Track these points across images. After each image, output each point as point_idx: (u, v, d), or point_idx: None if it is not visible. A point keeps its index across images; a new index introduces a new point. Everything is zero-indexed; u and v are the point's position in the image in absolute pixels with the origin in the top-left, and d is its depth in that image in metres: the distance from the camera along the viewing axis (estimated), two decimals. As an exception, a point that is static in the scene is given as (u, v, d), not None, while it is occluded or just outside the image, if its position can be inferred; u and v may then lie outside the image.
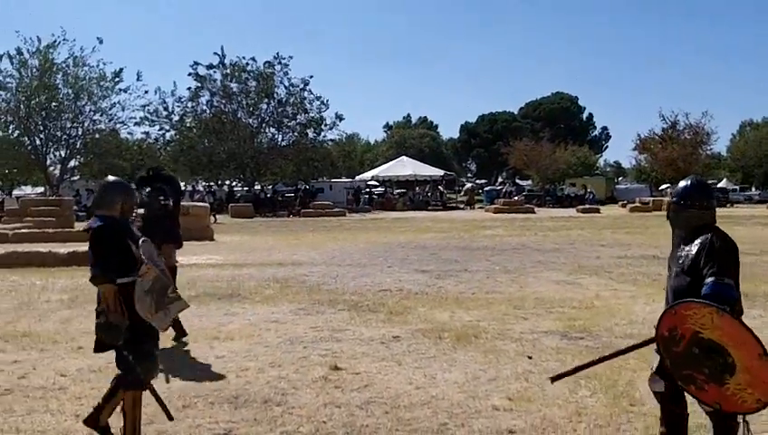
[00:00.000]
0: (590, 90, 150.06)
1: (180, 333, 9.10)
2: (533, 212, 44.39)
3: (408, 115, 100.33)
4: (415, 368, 7.65)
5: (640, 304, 11.25)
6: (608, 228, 29.37)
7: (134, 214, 5.92)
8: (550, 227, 30.65)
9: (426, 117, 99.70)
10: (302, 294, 12.47)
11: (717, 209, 4.79)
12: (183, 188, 56.71)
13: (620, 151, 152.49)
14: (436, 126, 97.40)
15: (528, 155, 64.27)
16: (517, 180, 77.57)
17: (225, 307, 11.41)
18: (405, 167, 59.58)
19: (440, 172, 60.87)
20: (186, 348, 8.73)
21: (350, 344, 8.74)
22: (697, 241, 4.46)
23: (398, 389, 6.92)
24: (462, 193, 63.99)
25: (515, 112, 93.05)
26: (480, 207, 53.36)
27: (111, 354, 5.38)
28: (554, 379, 4.95)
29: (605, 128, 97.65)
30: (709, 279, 4.25)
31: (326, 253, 18.91)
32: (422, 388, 6.95)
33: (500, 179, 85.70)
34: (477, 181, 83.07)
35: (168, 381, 6.10)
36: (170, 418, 5.51)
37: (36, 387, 7.05)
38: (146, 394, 5.34)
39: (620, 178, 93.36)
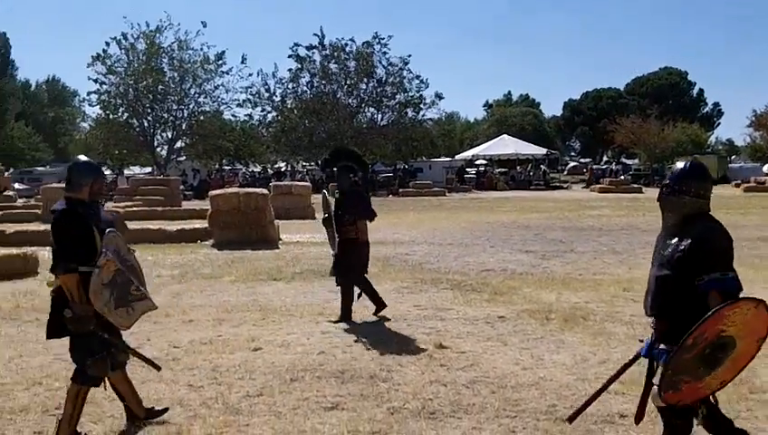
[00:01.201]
0: (700, 64, 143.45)
1: (379, 305, 9.12)
2: (641, 192, 42.99)
3: (509, 93, 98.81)
4: (521, 349, 7.51)
5: (758, 288, 10.69)
6: (721, 209, 28.17)
7: (104, 196, 5.60)
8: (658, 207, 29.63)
9: (527, 94, 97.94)
10: (405, 273, 12.47)
11: None
12: (285, 168, 58.01)
13: (733, 129, 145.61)
14: (538, 103, 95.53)
15: (635, 133, 62.21)
16: (623, 159, 75.38)
17: (329, 284, 11.44)
18: (506, 145, 58.76)
19: (543, 151, 59.72)
20: (293, 323, 8.83)
21: (455, 323, 8.67)
22: (692, 234, 4.11)
23: (504, 369, 6.82)
24: (570, 171, 62.53)
25: (621, 89, 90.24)
26: (584, 187, 52.13)
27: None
28: (571, 419, 4.73)
29: (717, 104, 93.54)
30: (714, 274, 3.98)
31: (427, 232, 18.85)
32: (529, 369, 6.81)
33: (605, 158, 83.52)
34: (581, 160, 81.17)
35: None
36: (157, 368, 5.71)
37: (151, 357, 7.26)
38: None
39: (733, 157, 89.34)
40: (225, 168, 59.47)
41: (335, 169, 9.29)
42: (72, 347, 5.20)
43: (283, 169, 57.30)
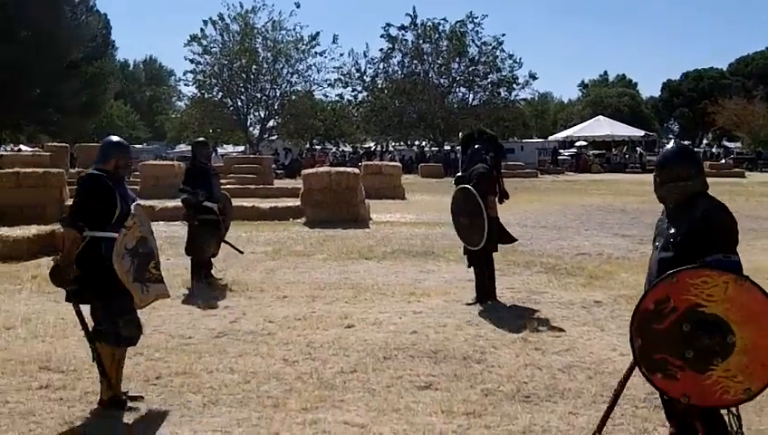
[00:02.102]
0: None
1: (484, 296, 8.83)
2: (743, 177, 41.28)
3: (605, 73, 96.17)
4: (619, 334, 7.28)
5: None
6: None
7: (129, 171, 5.89)
8: (763, 192, 28.41)
9: (624, 75, 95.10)
10: (497, 255, 12.23)
11: None
12: (375, 147, 58.21)
13: None
14: (635, 84, 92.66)
15: (738, 115, 59.67)
16: (725, 142, 72.54)
17: (419, 265, 11.48)
18: (601, 127, 57.31)
19: (639, 133, 57.99)
20: (384, 302, 8.83)
21: (549, 307, 8.50)
22: (693, 214, 3.94)
23: (601, 354, 6.64)
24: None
25: (724, 69, 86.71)
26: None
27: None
28: (599, 430, 4.42)
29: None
30: (715, 256, 3.77)
31: (519, 214, 18.56)
32: (627, 355, 6.51)
33: (705, 141, 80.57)
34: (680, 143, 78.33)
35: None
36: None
37: (246, 332, 7.41)
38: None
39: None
40: (316, 147, 60.09)
41: (469, 150, 9.21)
42: (98, 311, 5.36)
43: (372, 149, 57.49)
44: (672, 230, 4.03)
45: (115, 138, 5.78)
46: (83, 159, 34.71)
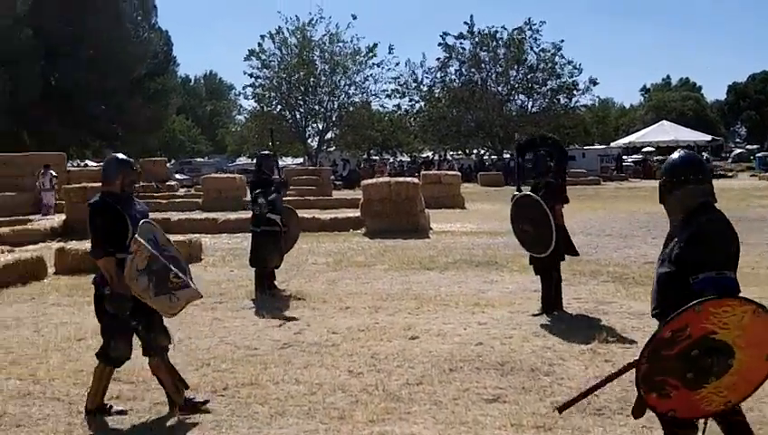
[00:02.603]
0: None
1: (549, 307, 8.69)
2: (812, 181, 39.98)
3: (668, 77, 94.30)
4: (692, 345, 7.07)
5: None
6: None
7: (135, 188, 5.75)
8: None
9: (687, 78, 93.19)
10: (563, 264, 12.05)
11: None
12: (433, 157, 58.07)
13: None
14: (700, 88, 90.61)
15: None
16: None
17: (482, 275, 11.35)
18: (665, 132, 56.03)
19: (705, 137, 56.58)
20: (448, 313, 8.75)
21: (618, 317, 8.30)
22: (691, 228, 3.83)
23: (674, 366, 6.43)
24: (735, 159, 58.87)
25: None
26: (753, 175, 49.00)
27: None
28: (561, 409, 4.28)
29: None
30: (708, 274, 3.67)
31: (583, 222, 18.27)
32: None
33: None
34: (747, 147, 76.35)
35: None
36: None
37: (311, 343, 7.40)
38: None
39: None
40: (374, 158, 60.28)
41: (532, 154, 9.11)
42: (101, 327, 5.46)
43: (430, 158, 57.41)
44: (671, 244, 3.94)
45: (118, 155, 5.74)
46: (148, 173, 35.54)
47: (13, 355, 7.16)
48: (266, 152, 11.33)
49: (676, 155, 4.15)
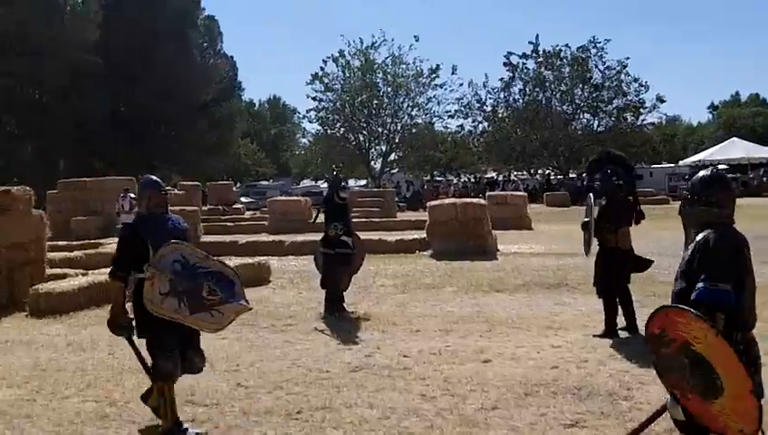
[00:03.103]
0: None
1: (631, 328, 8.59)
2: None
3: (737, 93, 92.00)
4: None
5: None
6: None
7: (163, 208, 5.71)
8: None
9: (758, 94, 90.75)
10: (635, 285, 11.73)
11: None
12: (497, 177, 57.68)
13: None
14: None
15: None
16: None
17: (554, 297, 11.16)
18: (736, 149, 54.49)
19: (777, 153, 54.87)
20: (521, 336, 8.60)
21: (698, 340, 8.02)
22: (696, 240, 3.93)
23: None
24: None
25: None
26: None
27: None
28: None
29: None
30: (700, 284, 3.76)
31: (654, 242, 17.76)
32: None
33: None
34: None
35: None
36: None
37: (382, 366, 7.34)
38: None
39: None
40: (437, 179, 60.21)
41: (599, 173, 8.94)
42: (147, 345, 5.51)
43: (495, 179, 57.03)
44: (683, 260, 4.01)
45: (149, 176, 5.89)
46: (214, 196, 36.15)
47: (89, 377, 7.26)
48: (339, 175, 11.50)
49: (702, 173, 4.22)
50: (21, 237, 12.28)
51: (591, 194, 8.83)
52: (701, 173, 4.24)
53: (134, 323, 5.55)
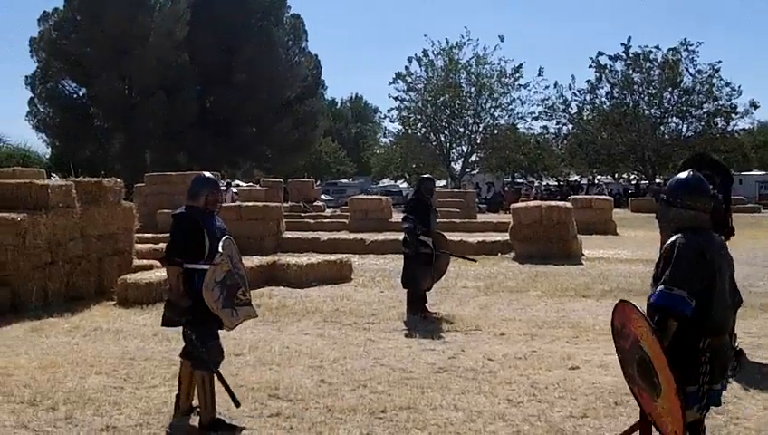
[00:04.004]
0: None
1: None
2: None
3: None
4: None
5: None
6: None
7: (218, 207, 5.83)
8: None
9: None
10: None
11: None
12: (580, 180, 56.60)
13: None
14: None
15: None
16: None
17: (642, 304, 10.63)
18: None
19: None
20: (608, 343, 8.29)
21: (799, 354, 7.63)
22: (666, 243, 3.99)
23: None
24: None
25: None
26: None
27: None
28: None
29: None
30: (659, 287, 3.84)
31: (746, 252, 17.12)
32: None
33: None
34: None
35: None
36: (237, 404, 5.57)
37: (467, 368, 7.20)
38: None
39: None
40: (519, 181, 59.47)
41: None
42: (187, 335, 5.61)
43: (579, 183, 55.99)
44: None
45: (206, 175, 5.97)
46: (295, 193, 36.50)
47: (174, 368, 7.30)
48: (427, 175, 11.38)
49: (681, 175, 4.23)
50: (110, 228, 12.60)
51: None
52: (679, 176, 4.23)
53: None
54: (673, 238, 3.93)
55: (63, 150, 52.63)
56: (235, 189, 26.39)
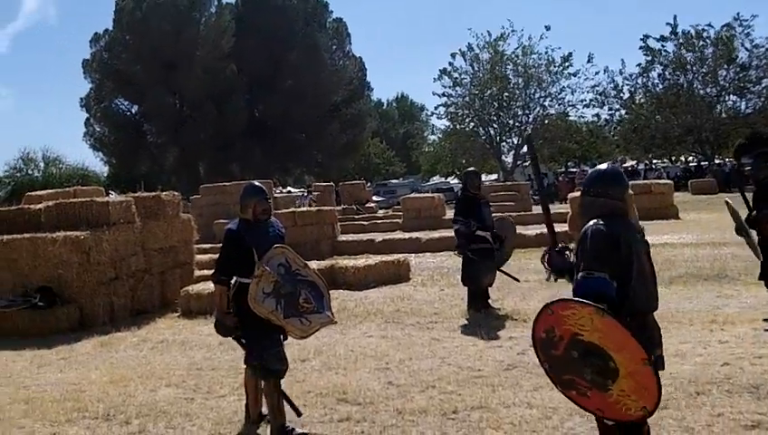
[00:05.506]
0: None
1: None
2: None
3: None
4: None
5: None
6: None
7: (268, 215, 5.76)
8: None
9: None
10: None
11: None
12: (636, 166, 55.43)
13: None
14: None
15: None
16: None
17: (714, 289, 10.46)
18: None
19: None
20: (683, 331, 8.05)
21: None
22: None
23: None
24: None
25: None
26: None
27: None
28: None
29: None
30: (578, 274, 3.85)
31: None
32: None
33: None
34: None
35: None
36: (298, 414, 5.54)
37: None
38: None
39: None
40: (572, 170, 58.62)
41: (752, 158, 8.29)
42: (247, 348, 5.61)
43: (635, 168, 54.88)
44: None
45: (253, 184, 5.90)
46: (347, 196, 36.58)
47: (242, 377, 7.32)
48: (472, 169, 11.15)
49: (598, 167, 4.50)
50: (171, 241, 12.74)
51: (727, 199, 8.16)
52: (596, 169, 4.43)
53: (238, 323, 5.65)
54: (585, 227, 4.01)
55: (120, 167, 53.80)
56: (313, 195, 27.23)
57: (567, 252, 4.38)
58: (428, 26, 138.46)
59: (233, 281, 5.61)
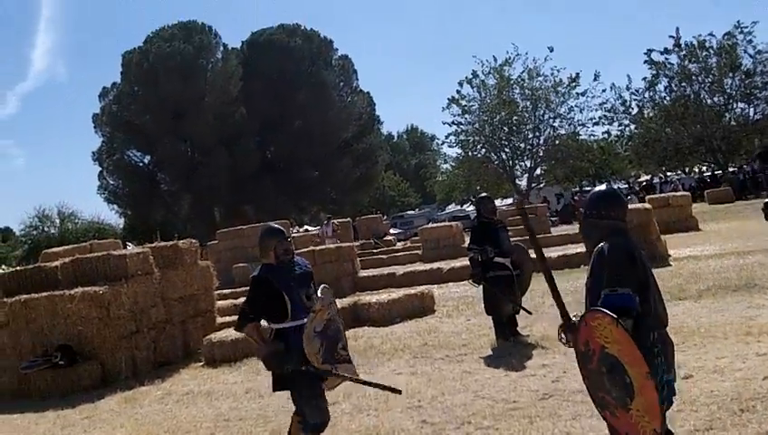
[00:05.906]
0: None
1: None
2: None
3: None
4: None
5: None
6: None
7: (291, 255, 5.56)
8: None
9: None
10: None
11: None
12: (651, 180, 55.09)
13: None
14: None
15: None
16: None
17: (744, 299, 10.22)
18: None
19: None
20: (718, 345, 7.84)
21: None
22: (593, 253, 4.08)
23: None
24: None
25: None
26: None
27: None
28: None
29: None
30: (603, 292, 3.84)
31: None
32: None
33: None
34: None
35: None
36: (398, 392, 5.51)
37: (573, 391, 6.82)
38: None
39: None
40: (587, 188, 58.30)
41: None
42: (293, 398, 5.41)
43: (650, 182, 54.54)
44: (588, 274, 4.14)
45: (270, 226, 5.75)
46: (365, 230, 36.46)
47: (272, 424, 7.19)
48: (484, 195, 11.00)
49: (596, 189, 4.40)
50: (190, 289, 12.64)
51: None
52: (595, 191, 4.41)
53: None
54: (599, 246, 4.03)
55: (135, 218, 54.06)
56: (335, 222, 27.58)
57: None
58: (434, 56, 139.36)
59: (264, 324, 5.45)
